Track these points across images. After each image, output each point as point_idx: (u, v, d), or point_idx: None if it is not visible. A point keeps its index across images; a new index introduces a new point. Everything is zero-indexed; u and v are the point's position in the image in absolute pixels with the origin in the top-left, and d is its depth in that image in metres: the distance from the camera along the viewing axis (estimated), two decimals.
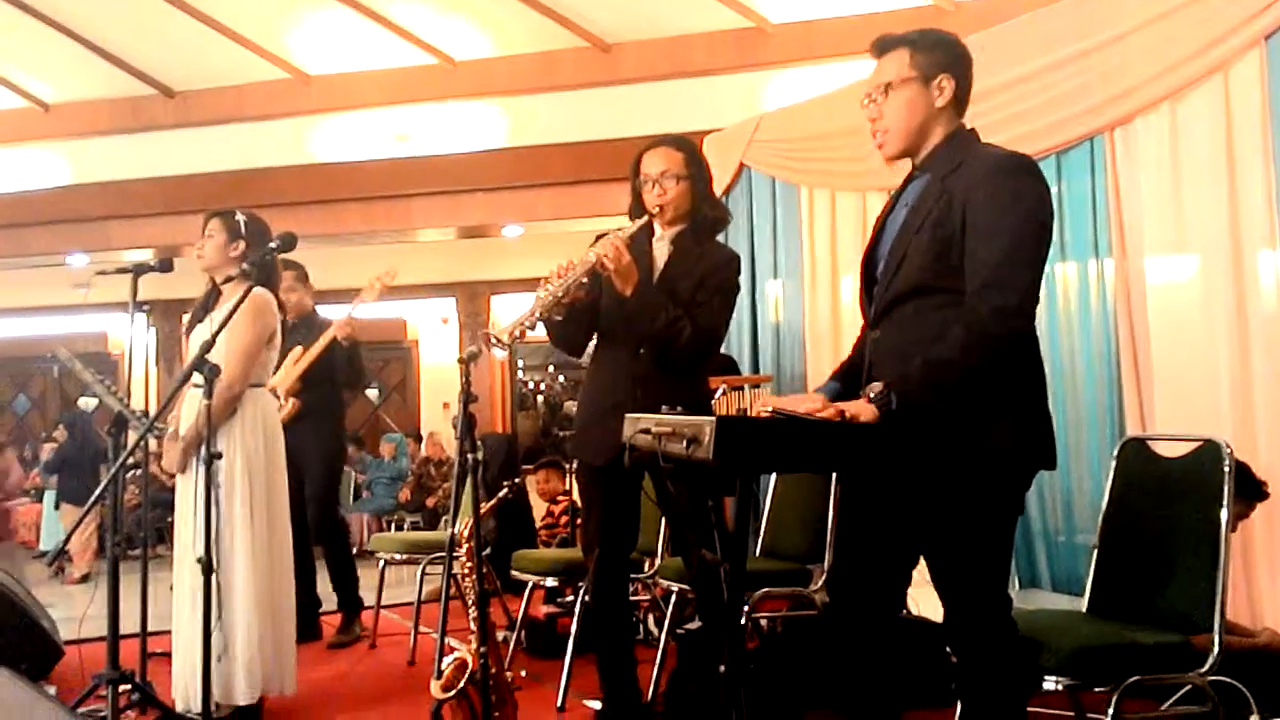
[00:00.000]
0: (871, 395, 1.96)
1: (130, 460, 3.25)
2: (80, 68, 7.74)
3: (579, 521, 5.62)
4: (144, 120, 7.96)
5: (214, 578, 2.80)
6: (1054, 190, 2.88)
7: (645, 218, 3.06)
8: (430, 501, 9.23)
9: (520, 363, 11.41)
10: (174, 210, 7.54)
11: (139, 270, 3.46)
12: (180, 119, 7.92)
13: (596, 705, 3.36)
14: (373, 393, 11.51)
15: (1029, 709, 2.17)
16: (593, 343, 3.24)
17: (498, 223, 8.05)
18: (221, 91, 7.83)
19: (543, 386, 11.74)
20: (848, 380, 2.27)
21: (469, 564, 2.62)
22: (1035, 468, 2.13)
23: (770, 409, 1.89)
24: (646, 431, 2.13)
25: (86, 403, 9.50)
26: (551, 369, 11.60)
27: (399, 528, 8.82)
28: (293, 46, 7.53)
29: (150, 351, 11.05)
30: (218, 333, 2.89)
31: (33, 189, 8.21)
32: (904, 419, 1.94)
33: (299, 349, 4.60)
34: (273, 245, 2.93)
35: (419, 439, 10.56)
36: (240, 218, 3.58)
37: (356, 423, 11.06)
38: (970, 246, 2.03)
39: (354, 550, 8.80)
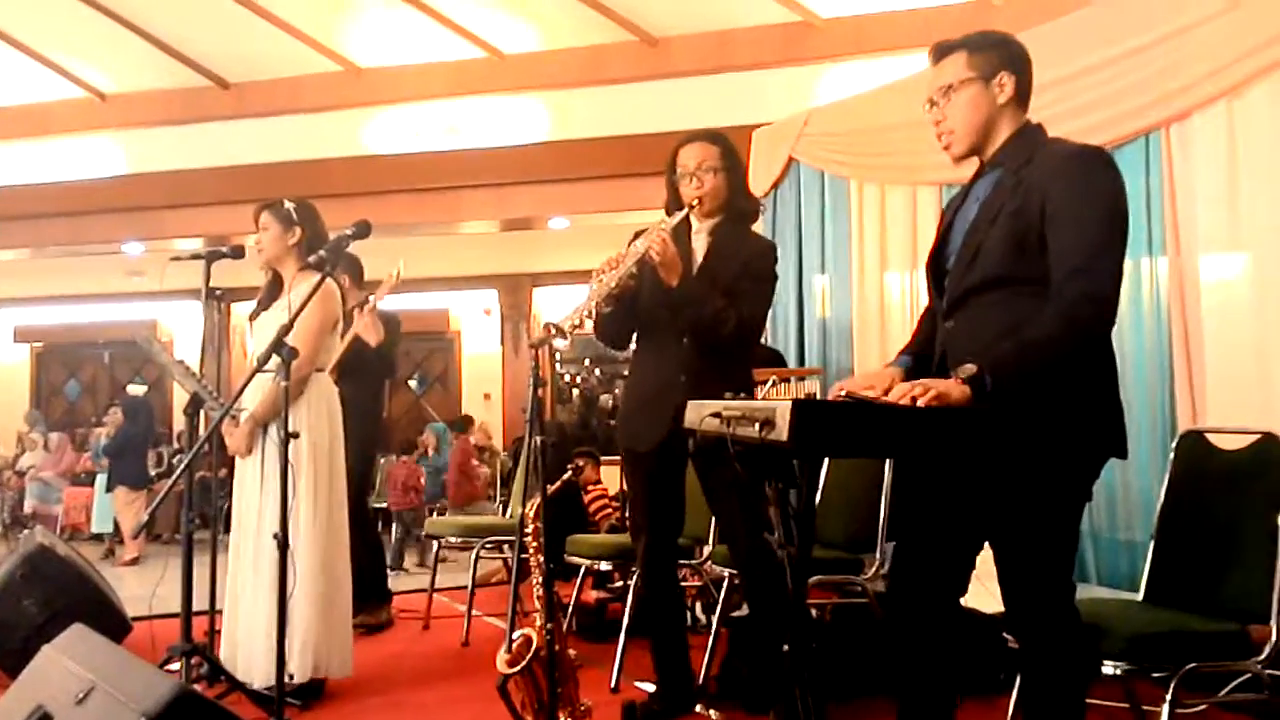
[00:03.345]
0: (964, 377, 1.98)
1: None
2: (138, 59, 7.91)
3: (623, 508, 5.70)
4: (199, 111, 8.12)
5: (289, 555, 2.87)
6: None
7: (684, 211, 3.13)
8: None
9: (558, 356, 11.47)
10: (228, 200, 7.70)
11: (211, 257, 3.56)
12: (235, 110, 8.07)
13: (650, 687, 3.42)
14: (415, 383, 11.65)
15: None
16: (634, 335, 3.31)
17: (544, 215, 8.13)
18: (275, 83, 7.98)
19: (579, 380, 11.81)
20: (920, 358, 2.32)
21: (535, 543, 2.69)
22: (1107, 455, 2.16)
23: (844, 393, 1.92)
24: (716, 416, 2.17)
25: (136, 388, 9.67)
26: (588, 362, 11.65)
27: (441, 514, 8.93)
28: (345, 39, 7.67)
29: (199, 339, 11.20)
30: (294, 319, 2.96)
31: (90, 178, 8.40)
32: (996, 402, 1.96)
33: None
34: (348, 233, 3.00)
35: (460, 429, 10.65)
36: (289, 205, 3.64)
37: (399, 413, 11.19)
38: (1053, 237, 2.06)
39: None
